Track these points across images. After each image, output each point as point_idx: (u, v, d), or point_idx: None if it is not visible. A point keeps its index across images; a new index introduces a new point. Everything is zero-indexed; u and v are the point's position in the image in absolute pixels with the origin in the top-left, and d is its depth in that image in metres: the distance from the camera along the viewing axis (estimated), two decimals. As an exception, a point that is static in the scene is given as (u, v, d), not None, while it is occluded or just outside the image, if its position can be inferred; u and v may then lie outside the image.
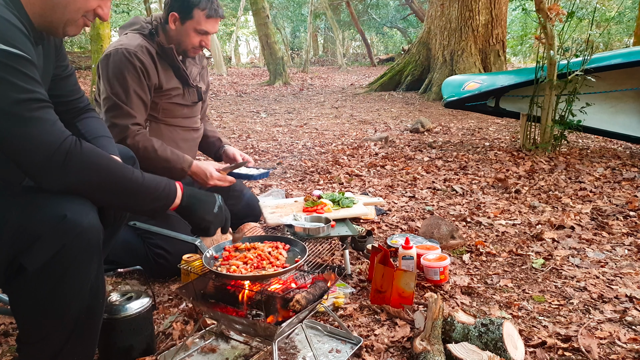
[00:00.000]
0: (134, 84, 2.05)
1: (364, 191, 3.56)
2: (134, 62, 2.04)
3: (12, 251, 1.10)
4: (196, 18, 2.09)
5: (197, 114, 2.36)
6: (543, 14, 4.41)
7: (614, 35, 19.77)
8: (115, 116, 2.03)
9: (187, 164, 2.13)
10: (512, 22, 21.06)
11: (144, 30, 2.14)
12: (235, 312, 1.46)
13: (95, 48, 6.70)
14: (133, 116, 2.05)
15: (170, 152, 2.11)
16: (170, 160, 2.10)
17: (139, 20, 2.21)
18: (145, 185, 1.25)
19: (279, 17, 27.04)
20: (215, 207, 1.41)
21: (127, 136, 2.03)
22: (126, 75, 2.03)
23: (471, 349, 1.47)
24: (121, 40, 2.12)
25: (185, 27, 2.11)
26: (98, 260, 1.20)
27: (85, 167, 1.14)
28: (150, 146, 2.06)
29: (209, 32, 2.15)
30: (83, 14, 1.24)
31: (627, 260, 2.31)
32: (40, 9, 1.18)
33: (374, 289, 1.90)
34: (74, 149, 1.11)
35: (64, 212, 1.11)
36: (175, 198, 1.32)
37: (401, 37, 27.62)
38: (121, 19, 27.71)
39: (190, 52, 2.20)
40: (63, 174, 1.11)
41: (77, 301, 1.18)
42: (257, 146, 5.43)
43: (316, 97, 10.90)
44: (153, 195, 1.26)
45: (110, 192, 1.20)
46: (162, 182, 1.29)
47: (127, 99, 2.04)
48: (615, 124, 4.88)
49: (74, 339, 1.20)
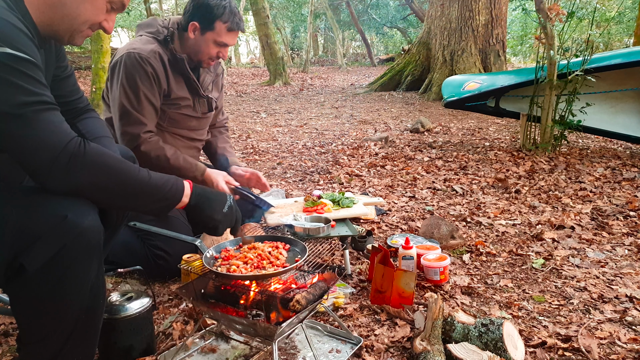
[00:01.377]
0: (146, 90, 2.04)
1: (364, 191, 3.56)
2: (145, 68, 2.02)
3: (13, 251, 1.10)
4: (217, 30, 2.07)
5: (205, 127, 2.34)
6: (543, 14, 4.41)
7: (614, 35, 19.77)
8: (127, 124, 2.02)
9: (199, 172, 2.11)
10: (512, 22, 21.07)
11: (159, 36, 2.13)
12: (235, 312, 1.46)
13: (95, 48, 6.69)
14: (144, 124, 2.04)
15: (183, 160, 2.10)
16: (183, 168, 2.08)
17: (156, 23, 2.18)
18: (152, 184, 1.24)
19: (279, 17, 27.04)
20: (225, 207, 1.41)
21: (140, 144, 2.02)
22: (137, 80, 2.02)
23: (471, 349, 1.47)
24: (134, 43, 2.10)
25: (204, 38, 2.09)
26: (98, 260, 1.20)
27: (91, 168, 1.14)
28: (163, 155, 2.05)
29: (228, 45, 2.13)
30: (89, 26, 1.25)
31: (627, 260, 2.31)
32: (49, 19, 1.19)
33: (374, 289, 1.90)
34: (79, 150, 1.11)
35: (64, 212, 1.11)
36: (182, 196, 1.31)
37: (401, 37, 27.62)
38: (121, 19, 27.76)
39: (205, 62, 2.18)
40: (68, 175, 1.11)
41: (77, 301, 1.18)
42: (257, 146, 5.43)
43: (316, 97, 10.90)
44: (160, 194, 1.26)
45: (117, 192, 1.20)
46: (170, 180, 1.29)
47: (139, 105, 2.03)
48: (615, 124, 4.89)
49: (74, 339, 1.20)
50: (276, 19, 26.24)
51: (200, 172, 2.11)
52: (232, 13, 2.07)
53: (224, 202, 1.42)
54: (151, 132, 2.08)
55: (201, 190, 1.37)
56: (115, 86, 2.06)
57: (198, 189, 1.37)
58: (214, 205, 1.38)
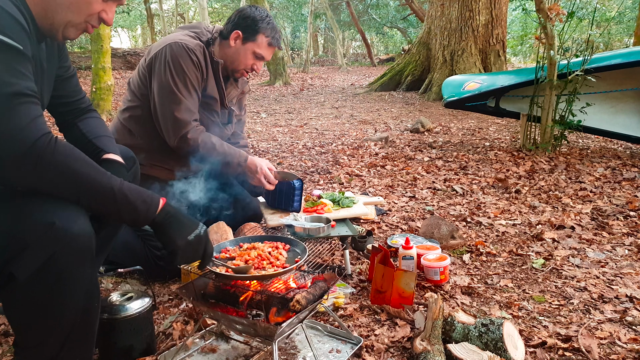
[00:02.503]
0: (193, 79, 2.08)
1: (364, 191, 3.56)
2: (192, 57, 2.07)
3: (1, 259, 1.07)
4: (259, 42, 2.16)
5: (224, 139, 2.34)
6: (543, 14, 4.41)
7: (614, 35, 19.77)
8: (178, 110, 2.05)
9: (243, 159, 2.17)
10: (512, 22, 21.06)
11: (202, 37, 2.18)
12: (236, 312, 1.46)
13: (95, 48, 6.67)
14: (193, 111, 2.09)
15: (227, 147, 2.16)
16: (228, 154, 2.14)
17: (201, 26, 2.26)
18: (121, 193, 1.16)
19: (279, 17, 27.03)
20: (192, 235, 1.27)
21: (189, 131, 2.06)
22: (185, 69, 2.06)
23: (471, 349, 1.47)
24: (178, 36, 2.14)
25: (245, 47, 2.16)
26: (91, 264, 1.17)
27: (57, 168, 1.08)
28: (210, 141, 2.10)
29: (265, 58, 2.20)
30: (86, 19, 1.22)
31: (627, 260, 2.31)
32: (43, 10, 1.17)
33: (374, 289, 1.90)
34: (48, 147, 1.05)
35: (52, 219, 1.07)
36: (154, 210, 1.22)
37: (401, 37, 27.62)
38: (121, 19, 27.75)
39: (239, 72, 2.23)
40: (34, 172, 1.06)
41: (72, 306, 1.16)
42: (257, 146, 5.43)
43: (316, 97, 10.90)
44: (129, 205, 1.17)
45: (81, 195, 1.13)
46: (143, 193, 1.21)
47: (187, 92, 2.07)
48: (615, 124, 4.88)
49: (71, 343, 1.19)
50: (276, 19, 26.20)
51: (244, 158, 2.17)
52: (274, 30, 2.18)
53: (193, 230, 1.28)
54: (197, 120, 2.12)
55: (174, 211, 1.27)
56: (161, 74, 2.07)
57: (170, 208, 1.26)
58: (180, 229, 1.26)
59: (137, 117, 2.17)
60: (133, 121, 2.18)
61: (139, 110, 2.17)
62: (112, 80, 6.78)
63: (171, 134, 2.07)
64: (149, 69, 2.12)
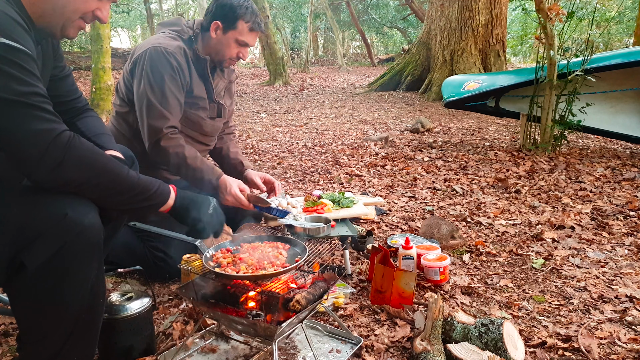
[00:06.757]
0: (171, 84, 2.02)
1: (364, 191, 3.56)
2: (171, 62, 2.02)
3: (13, 248, 1.10)
4: (239, 29, 2.09)
5: (215, 133, 2.33)
6: (543, 14, 4.41)
7: (614, 35, 19.76)
8: (151, 117, 2.01)
9: (215, 176, 2.06)
10: (512, 22, 21.05)
11: (183, 35, 2.14)
12: (235, 312, 1.46)
13: (95, 48, 6.68)
14: (167, 118, 2.02)
15: (201, 161, 2.07)
16: (200, 170, 2.04)
17: (180, 22, 2.19)
18: (139, 184, 1.26)
19: (279, 17, 27.03)
20: (210, 208, 1.43)
21: (161, 138, 2.01)
22: (164, 74, 2.01)
23: (471, 349, 1.47)
24: (159, 39, 2.10)
25: (226, 37, 2.11)
26: (98, 259, 1.20)
27: (80, 162, 1.13)
28: (182, 153, 2.03)
29: (248, 45, 2.15)
30: (81, 16, 1.23)
31: (627, 260, 2.31)
32: (40, 10, 1.18)
33: (374, 289, 1.90)
34: (69, 144, 1.10)
35: (64, 211, 1.11)
36: (168, 199, 1.34)
37: (401, 37, 27.61)
38: (121, 19, 27.75)
39: (226, 62, 2.19)
40: (57, 168, 1.10)
41: (77, 300, 1.18)
42: (257, 146, 5.43)
43: (316, 97, 10.90)
44: (146, 194, 1.27)
45: (103, 188, 1.19)
46: (156, 182, 1.31)
47: (163, 99, 2.02)
48: (615, 124, 4.89)
49: (74, 339, 1.20)
50: (276, 19, 26.23)
51: (217, 176, 2.06)
52: (254, 14, 2.11)
53: (209, 203, 1.44)
54: (174, 127, 2.06)
55: (185, 193, 1.40)
56: (140, 80, 2.03)
57: (182, 192, 1.39)
58: (199, 207, 1.40)
59: (128, 122, 2.15)
60: (126, 125, 2.16)
61: (130, 116, 2.13)
62: (112, 80, 6.78)
63: (146, 139, 2.03)
64: (131, 74, 2.10)
